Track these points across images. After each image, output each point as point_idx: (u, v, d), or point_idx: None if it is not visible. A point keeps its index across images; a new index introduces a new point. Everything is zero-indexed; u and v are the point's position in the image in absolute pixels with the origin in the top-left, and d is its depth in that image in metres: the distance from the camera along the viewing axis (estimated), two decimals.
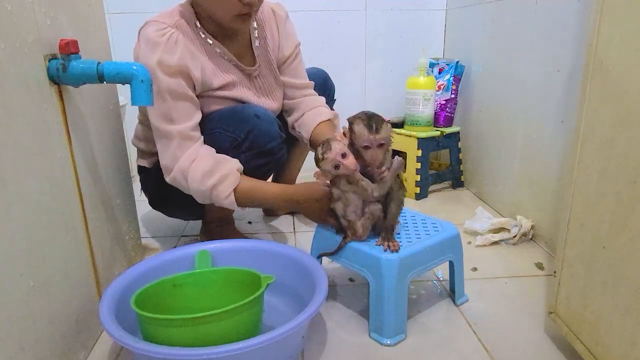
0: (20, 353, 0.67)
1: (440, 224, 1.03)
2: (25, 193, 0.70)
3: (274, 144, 1.10)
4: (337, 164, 0.87)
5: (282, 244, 1.10)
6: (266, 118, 1.11)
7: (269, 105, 1.22)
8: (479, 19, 1.69)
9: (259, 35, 1.19)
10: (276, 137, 1.11)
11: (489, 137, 1.65)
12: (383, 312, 0.91)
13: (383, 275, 0.89)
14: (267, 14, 1.21)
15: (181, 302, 0.91)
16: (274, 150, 1.11)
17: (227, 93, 1.13)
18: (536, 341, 0.92)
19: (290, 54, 1.24)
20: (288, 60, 1.25)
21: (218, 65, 1.12)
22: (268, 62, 1.22)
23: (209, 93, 1.11)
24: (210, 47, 1.11)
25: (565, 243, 0.84)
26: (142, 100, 0.84)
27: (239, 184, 1.03)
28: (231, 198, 1.03)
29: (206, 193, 1.03)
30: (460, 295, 1.05)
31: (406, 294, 0.92)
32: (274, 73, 1.24)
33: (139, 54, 1.02)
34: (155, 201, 1.28)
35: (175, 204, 1.22)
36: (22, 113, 0.70)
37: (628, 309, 0.67)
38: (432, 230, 1.00)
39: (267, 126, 1.10)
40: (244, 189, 1.04)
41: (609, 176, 0.71)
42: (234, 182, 1.03)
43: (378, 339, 0.92)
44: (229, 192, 1.02)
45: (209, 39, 1.10)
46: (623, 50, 0.69)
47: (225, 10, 1.02)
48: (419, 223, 1.04)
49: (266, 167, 1.12)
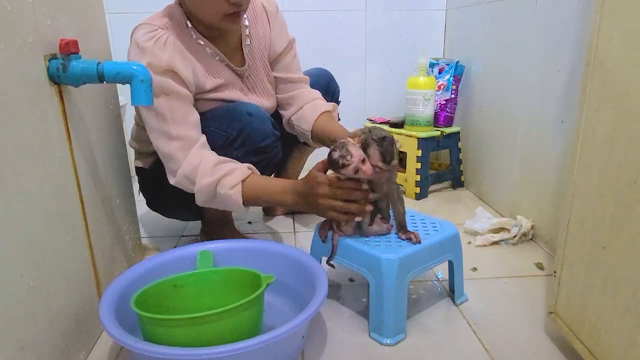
0: (20, 353, 0.67)
1: (440, 223, 1.03)
2: (25, 193, 0.70)
3: (267, 142, 1.10)
4: (357, 169, 0.87)
5: (282, 244, 1.10)
6: (259, 116, 1.10)
7: (262, 103, 1.22)
8: (479, 19, 1.69)
9: (250, 33, 1.18)
10: (269, 135, 1.11)
11: (489, 137, 1.65)
12: (383, 312, 0.91)
13: (383, 275, 0.89)
14: (259, 9, 1.20)
15: (181, 303, 0.91)
16: (267, 149, 1.11)
17: (219, 95, 1.13)
18: (536, 341, 0.92)
19: (283, 50, 1.24)
20: (281, 56, 1.24)
21: (209, 67, 1.12)
22: (260, 60, 1.21)
23: (200, 95, 1.11)
24: (201, 47, 1.10)
25: (565, 243, 0.84)
26: (142, 100, 0.84)
27: (248, 177, 1.02)
28: (238, 188, 1.00)
29: (212, 185, 1.00)
30: (459, 294, 1.05)
31: (406, 293, 0.92)
32: (266, 70, 1.23)
33: (130, 58, 1.03)
34: (153, 202, 1.28)
35: (174, 204, 1.22)
36: (22, 113, 0.70)
37: (628, 309, 0.67)
38: (431, 230, 1.00)
39: (260, 124, 1.09)
40: (252, 182, 1.03)
41: (609, 176, 0.71)
42: (243, 174, 1.02)
43: (378, 339, 0.92)
44: (237, 182, 1.00)
45: (200, 40, 1.10)
46: (623, 50, 0.69)
47: (213, 11, 1.01)
48: (418, 223, 1.04)
49: (260, 165, 1.11)
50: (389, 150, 0.87)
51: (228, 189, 1.00)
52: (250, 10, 1.18)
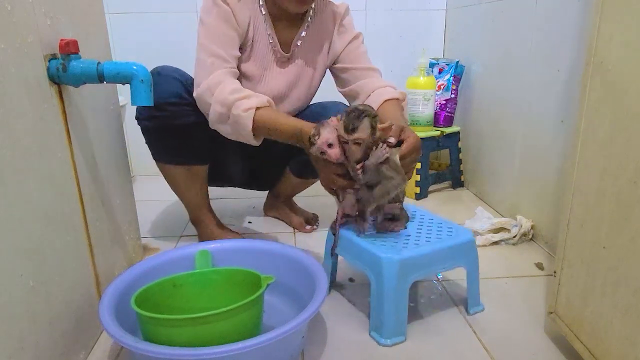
0: (20, 353, 0.67)
1: (457, 229, 1.01)
2: (25, 193, 0.70)
3: (165, 100, 1.12)
4: (322, 150, 0.89)
5: (282, 244, 1.10)
6: (165, 75, 1.13)
7: (292, 93, 1.26)
8: (479, 19, 1.69)
9: (309, 29, 1.23)
10: (170, 95, 1.12)
11: (489, 137, 1.65)
12: (383, 312, 0.90)
13: (383, 275, 0.89)
14: (327, 14, 1.25)
15: (181, 302, 0.91)
16: (164, 106, 1.12)
17: (241, 64, 1.18)
18: (536, 341, 0.92)
19: (346, 45, 1.27)
20: (344, 51, 1.27)
21: (257, 46, 1.18)
22: (312, 53, 1.25)
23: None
24: (263, 24, 1.17)
25: (565, 243, 0.84)
26: (142, 100, 0.84)
27: (263, 108, 1.05)
28: (250, 113, 1.02)
29: (229, 103, 1.03)
30: (474, 304, 1.02)
31: (406, 295, 0.91)
32: (315, 67, 1.27)
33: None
34: (159, 146, 1.24)
35: (177, 140, 1.20)
36: (22, 113, 0.70)
37: (628, 309, 0.67)
38: (445, 235, 0.98)
39: (163, 83, 1.12)
40: (265, 112, 1.04)
41: (609, 176, 0.71)
42: (259, 102, 1.04)
43: (377, 338, 0.92)
44: (252, 106, 1.03)
45: (262, 9, 1.16)
46: (623, 50, 0.69)
47: None
48: (434, 226, 1.03)
49: (162, 120, 1.14)
50: (355, 119, 0.87)
51: (241, 111, 1.02)
52: (318, 14, 1.24)
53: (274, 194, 1.54)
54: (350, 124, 0.86)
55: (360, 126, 0.86)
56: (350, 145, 0.88)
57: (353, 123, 0.86)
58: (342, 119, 0.88)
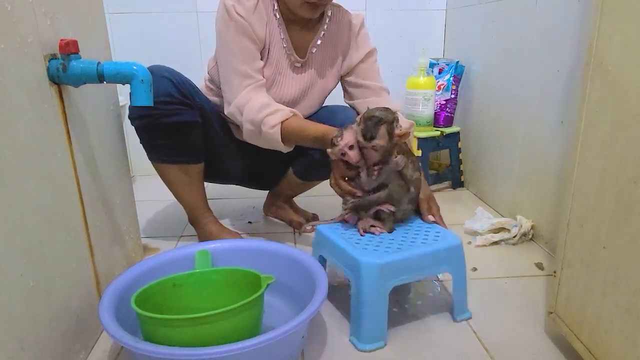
0: (20, 353, 0.67)
1: (444, 233, 0.99)
2: (25, 193, 0.70)
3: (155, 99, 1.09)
4: (343, 152, 0.95)
5: (282, 244, 1.10)
6: (158, 75, 1.12)
7: (306, 99, 1.28)
8: (479, 19, 1.69)
9: (324, 38, 1.24)
10: (161, 94, 1.12)
11: (489, 137, 1.65)
12: (361, 316, 0.89)
13: (362, 278, 0.87)
14: (344, 24, 1.26)
15: (181, 302, 0.91)
16: (157, 104, 1.10)
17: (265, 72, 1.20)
18: (536, 341, 0.92)
19: (361, 60, 1.28)
20: (358, 65, 1.29)
21: (272, 51, 1.19)
22: (326, 61, 1.27)
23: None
24: (277, 28, 1.18)
25: (565, 243, 0.84)
26: (142, 100, 0.84)
27: (288, 119, 1.10)
28: (277, 128, 1.09)
29: (257, 122, 1.10)
30: (460, 311, 0.98)
31: (386, 300, 0.89)
32: (324, 74, 1.28)
33: (219, 7, 1.14)
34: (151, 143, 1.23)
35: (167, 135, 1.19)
36: (22, 113, 0.70)
37: (628, 309, 0.67)
38: (431, 239, 0.96)
39: (156, 81, 1.10)
40: (291, 124, 1.11)
41: (609, 176, 0.71)
42: (283, 116, 1.10)
43: (355, 344, 0.90)
44: (277, 123, 1.09)
45: (280, 22, 1.18)
46: (623, 50, 0.69)
47: None
48: (421, 230, 1.01)
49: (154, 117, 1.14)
50: (370, 129, 0.90)
51: (269, 128, 1.10)
52: (334, 22, 1.25)
53: (274, 194, 1.55)
54: (368, 132, 0.90)
55: (378, 134, 0.91)
56: (369, 150, 0.93)
57: (371, 131, 0.90)
58: (360, 125, 0.92)
